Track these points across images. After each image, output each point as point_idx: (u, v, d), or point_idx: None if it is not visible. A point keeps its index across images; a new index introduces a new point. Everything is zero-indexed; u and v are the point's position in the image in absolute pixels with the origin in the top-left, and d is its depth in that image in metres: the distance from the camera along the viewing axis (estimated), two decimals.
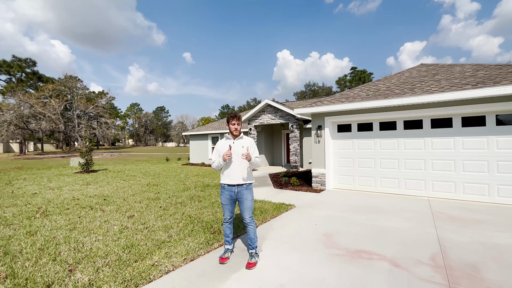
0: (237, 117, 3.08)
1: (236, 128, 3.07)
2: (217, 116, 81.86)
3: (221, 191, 3.14)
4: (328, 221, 4.53)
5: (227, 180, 3.07)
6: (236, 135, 3.10)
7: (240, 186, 3.04)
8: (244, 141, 3.13)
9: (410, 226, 4.16)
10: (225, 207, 3.12)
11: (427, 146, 6.29)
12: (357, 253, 3.23)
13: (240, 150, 3.04)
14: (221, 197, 3.14)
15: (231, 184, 3.04)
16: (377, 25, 67.98)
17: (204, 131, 18.30)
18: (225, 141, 3.17)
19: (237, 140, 3.12)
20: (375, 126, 7.03)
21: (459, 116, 5.93)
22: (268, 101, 13.33)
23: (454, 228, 4.03)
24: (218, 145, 3.19)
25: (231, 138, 3.15)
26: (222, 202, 3.15)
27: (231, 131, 3.10)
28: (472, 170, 5.77)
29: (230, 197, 3.07)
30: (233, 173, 3.03)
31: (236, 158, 3.03)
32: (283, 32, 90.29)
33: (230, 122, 3.10)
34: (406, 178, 6.54)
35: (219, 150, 3.14)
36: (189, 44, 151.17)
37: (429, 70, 7.67)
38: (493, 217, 4.55)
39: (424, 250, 3.28)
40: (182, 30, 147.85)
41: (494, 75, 5.73)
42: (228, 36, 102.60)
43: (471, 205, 5.37)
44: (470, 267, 2.83)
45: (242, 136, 3.15)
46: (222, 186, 3.12)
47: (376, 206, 5.52)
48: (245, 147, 3.06)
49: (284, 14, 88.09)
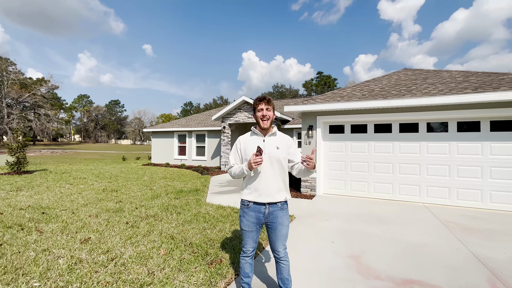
0: (267, 100, 2.11)
1: (265, 116, 2.09)
2: (179, 114, 77.75)
3: (243, 212, 2.15)
4: (341, 236, 3.84)
5: (253, 195, 2.08)
6: (266, 128, 2.12)
7: (272, 205, 2.08)
8: (280, 140, 2.17)
9: (435, 241, 3.69)
10: (248, 234, 2.13)
11: (422, 151, 6.10)
12: (407, 284, 2.55)
13: (275, 153, 2.08)
14: (242, 220, 2.14)
15: (259, 203, 2.07)
16: (336, 36, 72.43)
17: (170, 128, 16.53)
18: (251, 138, 2.20)
19: (269, 136, 2.16)
20: (369, 128, 6.67)
21: (455, 121, 5.84)
22: (245, 97, 12.42)
23: (478, 241, 3.67)
24: (241, 142, 2.21)
25: (259, 134, 2.17)
26: (242, 228, 2.14)
27: (259, 121, 2.12)
28: (466, 176, 5.71)
29: (257, 220, 2.09)
30: (263, 186, 2.05)
31: (267, 163, 2.06)
32: (250, 33, 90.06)
33: (257, 108, 2.12)
34: (401, 183, 6.28)
35: (242, 150, 2.17)
36: (151, 36, 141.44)
37: (417, 74, 7.66)
38: (502, 226, 4.39)
39: (475, 274, 2.76)
40: (144, 20, 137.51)
41: (488, 81, 5.77)
42: (194, 32, 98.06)
43: (469, 212, 5.25)
44: None
45: (276, 132, 2.19)
46: (245, 204, 2.13)
47: (380, 214, 5.05)
48: (283, 148, 2.12)
49: (252, 16, 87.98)
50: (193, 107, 73.39)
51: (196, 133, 15.73)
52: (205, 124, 15.70)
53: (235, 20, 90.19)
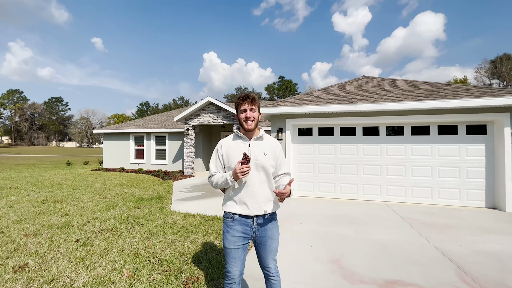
0: (251, 98, 1.83)
1: (250, 117, 1.84)
2: (134, 114, 72.33)
3: (227, 226, 1.86)
4: (318, 240, 3.81)
5: (239, 208, 1.83)
6: (250, 130, 1.87)
7: (261, 217, 1.85)
8: (267, 144, 1.93)
9: (402, 239, 3.90)
10: (234, 253, 1.82)
11: (382, 152, 6.54)
12: (391, 286, 2.58)
13: (261, 159, 1.85)
14: (226, 236, 1.85)
15: (246, 215, 1.83)
16: (296, 43, 75.98)
17: (125, 129, 15.10)
18: (234, 142, 1.93)
19: (255, 140, 1.91)
20: (336, 131, 6.93)
21: (409, 125, 6.40)
22: (210, 98, 11.98)
23: (437, 236, 3.99)
24: (222, 147, 1.92)
25: (244, 137, 1.91)
26: (227, 246, 1.84)
27: (242, 123, 1.87)
28: (419, 175, 6.28)
29: (244, 235, 1.83)
30: (250, 197, 1.81)
31: (254, 172, 1.82)
32: (211, 34, 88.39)
33: (239, 108, 1.88)
34: (365, 183, 6.64)
35: (225, 156, 1.90)
36: (102, 29, 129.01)
37: (375, 82, 8.26)
38: (452, 220, 4.88)
39: (445, 269, 2.94)
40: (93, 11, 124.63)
41: (435, 90, 6.46)
42: (151, 27, 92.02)
43: (423, 208, 5.76)
44: (499, 283, 2.59)
45: (262, 135, 1.94)
46: (230, 217, 1.86)
47: (350, 215, 5.22)
48: (270, 154, 1.90)
49: (213, 16, 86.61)
50: (150, 107, 68.92)
51: (156, 135, 14.65)
52: (166, 125, 14.73)
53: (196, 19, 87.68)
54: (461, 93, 5.95)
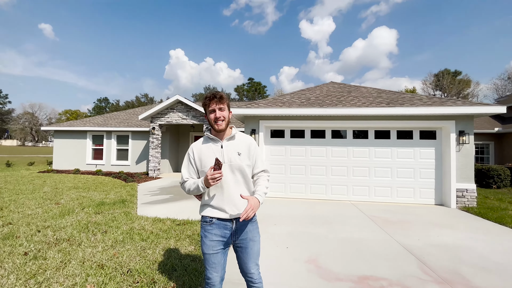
0: (219, 97, 1.74)
1: (219, 117, 1.74)
2: (91, 110, 66.33)
3: (205, 231, 1.77)
4: (294, 240, 3.88)
5: (216, 212, 1.75)
6: (221, 130, 1.78)
7: (239, 220, 1.73)
8: (241, 143, 1.85)
9: (369, 236, 4.16)
10: (213, 258, 1.74)
11: (349, 155, 6.94)
12: (364, 281, 2.71)
13: (235, 160, 1.77)
14: (205, 242, 1.76)
15: (224, 219, 1.76)
16: (264, 46, 77.23)
17: (81, 126, 13.73)
18: (206, 145, 1.83)
19: (228, 141, 1.83)
20: (306, 133, 7.16)
21: (373, 129, 6.89)
22: (179, 97, 11.51)
23: (399, 232, 4.34)
24: (194, 151, 1.83)
25: (215, 139, 1.82)
26: (206, 252, 1.75)
27: (212, 123, 1.77)
28: (381, 176, 6.79)
29: (223, 238, 1.75)
30: (227, 200, 1.74)
31: (228, 173, 1.75)
32: (179, 31, 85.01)
33: (208, 109, 1.78)
34: (333, 184, 6.96)
35: (197, 161, 1.81)
36: (52, 14, 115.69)
37: (342, 88, 8.74)
38: (409, 216, 5.37)
39: (409, 262, 3.20)
40: None
41: (395, 98, 7.07)
42: (112, 17, 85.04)
43: (384, 206, 6.23)
44: (455, 274, 2.90)
45: (234, 135, 1.86)
46: (207, 220, 1.77)
47: (321, 214, 5.41)
48: (245, 153, 1.82)
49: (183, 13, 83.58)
50: (109, 104, 63.77)
51: (117, 134, 13.59)
52: (129, 124, 13.76)
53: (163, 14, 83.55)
54: (416, 101, 6.60)
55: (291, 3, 73.07)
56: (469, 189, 6.19)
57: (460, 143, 6.23)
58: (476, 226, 4.75)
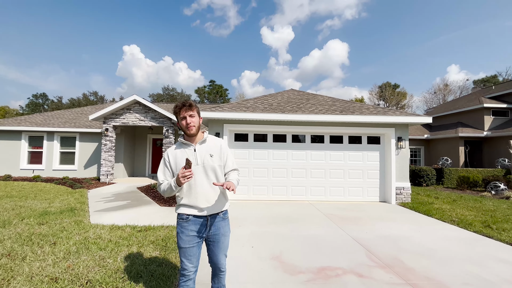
0: (188, 105, 1.94)
1: (190, 124, 1.93)
2: (24, 108, 57.52)
3: (181, 227, 1.93)
4: (258, 240, 4.06)
5: (191, 209, 1.92)
6: (193, 134, 1.96)
7: (214, 217, 1.97)
8: (212, 146, 2.04)
9: (327, 232, 4.57)
10: (189, 251, 1.91)
11: (308, 158, 7.46)
12: (322, 272, 3.01)
13: (208, 161, 1.96)
14: (181, 237, 1.91)
15: (199, 216, 1.92)
16: (226, 49, 76.87)
17: (15, 125, 11.96)
18: (180, 150, 1.99)
19: (200, 144, 2.00)
20: (269, 137, 7.48)
21: (328, 134, 7.54)
22: (136, 97, 10.88)
23: (351, 227, 4.87)
24: (169, 156, 1.98)
25: (188, 143, 1.99)
26: (182, 246, 1.91)
27: (184, 129, 1.95)
28: (335, 177, 7.45)
29: (198, 233, 1.93)
30: (200, 197, 1.91)
31: (202, 174, 1.93)
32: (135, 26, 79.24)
33: (179, 117, 1.95)
34: (293, 185, 7.39)
35: (173, 165, 1.96)
36: None
37: (301, 95, 9.34)
38: (359, 213, 6.02)
39: (359, 253, 3.63)
40: None
41: (347, 106, 7.86)
42: (54, 3, 74.71)
43: (338, 205, 6.85)
44: (396, 260, 3.41)
45: (206, 138, 2.04)
46: (184, 218, 1.93)
47: (283, 215, 5.71)
48: (217, 155, 2.01)
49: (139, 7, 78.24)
50: (48, 100, 56.12)
51: (62, 135, 12.21)
52: (77, 124, 12.47)
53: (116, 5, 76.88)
54: (364, 110, 7.45)
55: (253, 9, 74.56)
56: (405, 187, 7.21)
57: (398, 147, 7.23)
58: (411, 218, 5.58)
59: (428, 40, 62.00)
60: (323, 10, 71.08)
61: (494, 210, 6.39)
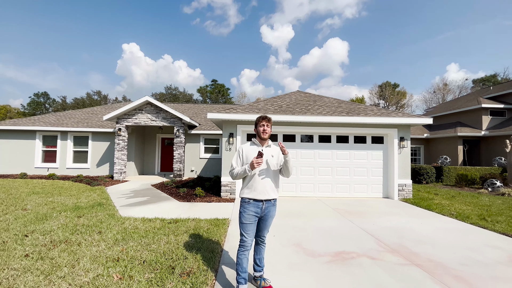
0: (268, 119, 2.64)
1: (265, 130, 2.61)
2: (25, 106, 57.74)
3: (243, 208, 2.55)
4: (277, 231, 4.52)
5: (253, 194, 2.53)
6: (265, 139, 2.63)
7: (268, 202, 2.56)
8: (274, 150, 2.69)
9: (337, 224, 5.05)
10: (248, 227, 2.51)
11: (316, 156, 7.94)
12: (339, 255, 3.49)
13: (270, 160, 2.59)
14: (242, 215, 2.53)
15: (258, 199, 2.52)
16: (226, 48, 77.15)
17: (29, 125, 12.38)
18: (252, 147, 2.68)
19: (266, 147, 2.66)
20: (279, 137, 7.94)
21: (335, 134, 8.01)
22: (149, 98, 11.31)
23: (359, 220, 5.35)
24: (244, 149, 2.66)
25: (258, 144, 2.67)
26: (243, 221, 2.52)
27: (260, 134, 2.63)
28: (341, 175, 7.93)
29: (255, 214, 2.53)
30: (261, 186, 2.54)
31: (265, 169, 2.58)
32: (134, 24, 79.24)
33: (258, 124, 2.65)
34: (302, 182, 7.87)
35: (245, 157, 2.61)
36: None
37: (308, 97, 9.80)
38: (364, 208, 6.50)
39: (369, 240, 4.11)
40: None
41: (352, 108, 8.32)
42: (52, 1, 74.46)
43: (345, 200, 7.34)
44: (401, 246, 3.89)
45: (270, 144, 2.71)
46: (246, 201, 2.55)
47: (296, 209, 6.19)
48: (276, 156, 2.63)
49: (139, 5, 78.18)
50: (49, 99, 56.35)
51: (75, 135, 12.64)
52: (89, 124, 12.90)
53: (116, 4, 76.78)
54: (369, 112, 7.92)
55: (253, 8, 74.84)
56: (407, 184, 7.69)
57: (401, 147, 7.71)
58: (413, 212, 6.06)
59: (426, 39, 62.50)
60: (323, 9, 71.52)
61: (489, 205, 6.89)
